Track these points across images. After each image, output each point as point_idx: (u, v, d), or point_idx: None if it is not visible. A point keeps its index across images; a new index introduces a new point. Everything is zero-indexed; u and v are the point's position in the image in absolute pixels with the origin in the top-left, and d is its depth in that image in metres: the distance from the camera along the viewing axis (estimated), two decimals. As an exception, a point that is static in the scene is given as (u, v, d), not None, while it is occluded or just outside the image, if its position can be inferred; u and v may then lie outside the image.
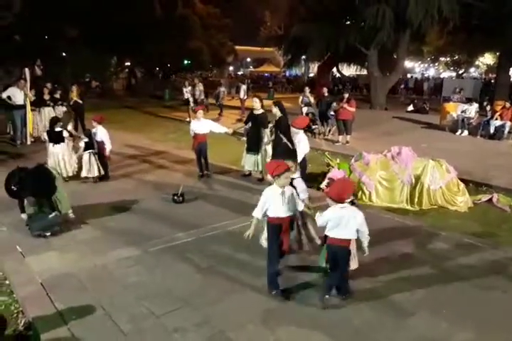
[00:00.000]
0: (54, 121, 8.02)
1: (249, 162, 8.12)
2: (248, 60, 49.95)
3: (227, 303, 4.09)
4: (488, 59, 33.69)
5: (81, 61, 23.38)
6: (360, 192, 7.57)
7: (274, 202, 4.14)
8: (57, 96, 12.58)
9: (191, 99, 16.04)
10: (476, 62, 36.72)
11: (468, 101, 14.24)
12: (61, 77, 21.31)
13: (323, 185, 8.02)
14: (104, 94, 28.68)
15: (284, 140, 6.15)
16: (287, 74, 42.57)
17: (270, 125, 7.93)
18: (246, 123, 8.24)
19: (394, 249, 5.36)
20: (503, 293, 4.38)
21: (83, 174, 7.96)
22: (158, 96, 27.89)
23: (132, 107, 22.97)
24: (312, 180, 8.22)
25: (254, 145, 7.93)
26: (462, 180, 7.86)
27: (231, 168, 9.23)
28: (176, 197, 6.83)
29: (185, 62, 29.23)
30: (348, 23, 21.24)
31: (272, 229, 4.25)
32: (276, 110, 7.18)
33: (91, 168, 7.91)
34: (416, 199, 7.39)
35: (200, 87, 16.66)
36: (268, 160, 7.73)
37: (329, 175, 8.04)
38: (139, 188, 7.87)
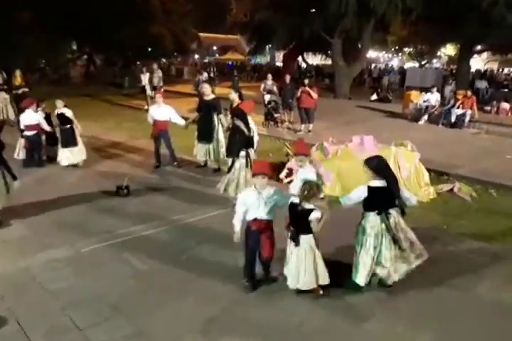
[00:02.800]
0: None
1: (200, 151, 7.62)
2: (214, 48, 48.91)
3: (165, 311, 3.64)
4: (449, 50, 34.13)
5: (34, 47, 22.16)
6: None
7: (249, 205, 3.83)
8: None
9: (148, 87, 15.25)
10: (438, 53, 37.21)
11: (429, 89, 14.08)
12: (12, 62, 20.06)
13: (282, 175, 7.67)
14: (60, 81, 27.39)
15: (242, 127, 5.68)
16: (253, 62, 41.96)
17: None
18: (198, 111, 7.71)
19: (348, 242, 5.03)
20: (462, 292, 4.11)
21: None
22: (117, 84, 26.78)
23: (89, 95, 21.86)
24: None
25: (205, 134, 7.42)
26: (425, 168, 7.65)
27: (184, 159, 8.68)
28: (120, 190, 6.28)
29: (149, 49, 28.11)
30: (313, 10, 20.79)
31: (247, 233, 3.91)
32: (234, 96, 6.71)
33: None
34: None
35: (158, 73, 15.87)
36: (222, 150, 7.28)
37: (288, 164, 7.69)
38: (83, 180, 7.26)
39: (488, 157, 9.33)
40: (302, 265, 3.75)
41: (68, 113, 7.94)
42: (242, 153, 5.69)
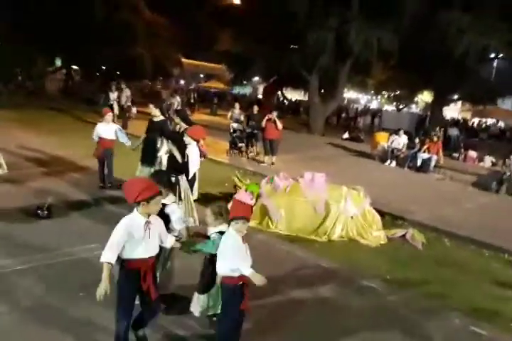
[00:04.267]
0: None
1: (142, 173, 7.11)
2: (201, 75, 49.25)
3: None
4: (426, 96, 35.00)
5: (10, 57, 21.74)
6: (266, 218, 6.78)
7: (133, 237, 3.04)
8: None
9: (116, 106, 14.79)
10: (416, 99, 38.11)
11: (396, 132, 14.03)
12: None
13: (229, 207, 7.20)
14: (33, 93, 26.77)
15: (173, 152, 5.23)
16: (235, 91, 42.23)
17: None
18: (147, 132, 7.27)
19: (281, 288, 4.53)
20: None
21: None
22: (93, 101, 26.32)
23: (59, 109, 21.26)
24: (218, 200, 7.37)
25: (148, 156, 6.94)
26: (379, 211, 7.31)
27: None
28: (39, 211, 5.65)
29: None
30: (292, 46, 21.05)
31: (126, 275, 3.14)
32: (178, 120, 6.30)
33: None
34: (326, 230, 6.67)
35: (127, 92, 15.50)
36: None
37: (235, 196, 7.23)
38: (7, 196, 6.61)
39: (448, 204, 9.08)
40: None
41: None
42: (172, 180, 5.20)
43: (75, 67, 31.34)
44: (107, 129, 7.54)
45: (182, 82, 46.06)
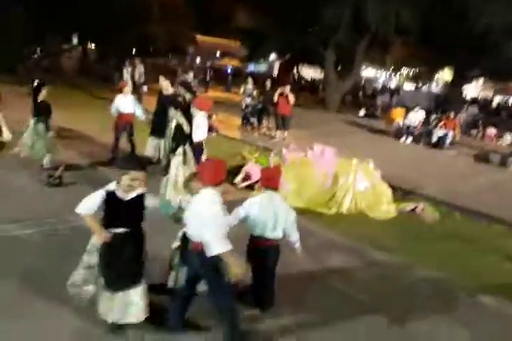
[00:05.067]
0: None
1: (150, 146, 7.12)
2: (218, 53, 48.73)
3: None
4: (446, 74, 34.08)
5: (25, 33, 21.81)
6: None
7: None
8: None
9: (129, 82, 14.71)
10: (436, 77, 37.17)
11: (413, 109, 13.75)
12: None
13: (237, 180, 7.22)
14: (50, 70, 26.92)
15: (180, 121, 5.20)
16: (252, 69, 41.75)
17: None
18: (157, 104, 7.25)
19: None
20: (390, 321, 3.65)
21: None
22: (109, 79, 26.38)
23: (75, 86, 21.40)
24: (228, 173, 7.38)
25: (158, 128, 6.93)
26: (391, 186, 7.23)
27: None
28: (51, 179, 5.74)
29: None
30: (308, 22, 20.57)
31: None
32: (183, 91, 6.22)
33: None
34: (336, 202, 6.64)
35: (140, 68, 15.40)
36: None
37: (245, 168, 7.25)
38: (20, 163, 6.72)
39: (460, 179, 8.95)
40: None
41: None
42: (180, 150, 5.21)
43: (91, 45, 31.38)
44: (126, 102, 7.38)
45: (198, 59, 45.70)
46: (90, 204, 3.01)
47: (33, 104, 6.62)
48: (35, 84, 6.70)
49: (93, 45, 31.56)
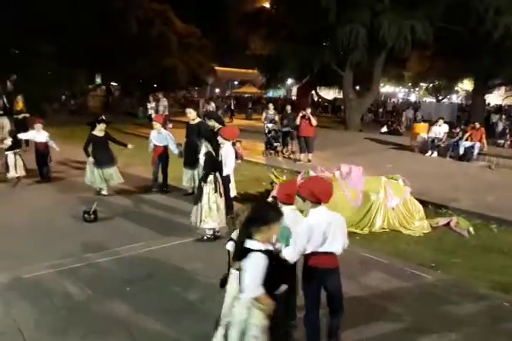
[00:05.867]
0: None
1: (185, 177, 7.34)
2: (236, 82, 49.82)
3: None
4: (466, 85, 33.78)
5: (52, 77, 22.94)
6: (303, 213, 6.78)
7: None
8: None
9: (154, 115, 15.26)
10: (456, 88, 36.86)
11: (436, 121, 13.62)
12: (32, 92, 20.65)
13: (267, 204, 7.27)
14: (77, 110, 28.03)
15: (209, 150, 5.37)
16: (270, 95, 42.42)
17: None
18: (186, 136, 7.50)
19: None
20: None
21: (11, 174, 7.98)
22: (133, 114, 27.26)
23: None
24: (256, 198, 7.49)
25: (190, 159, 7.15)
26: (421, 201, 7.15)
27: (174, 186, 8.37)
28: (86, 215, 5.96)
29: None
30: (324, 43, 20.94)
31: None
32: (212, 122, 6.44)
33: (17, 167, 7.99)
34: (367, 222, 6.60)
35: (164, 102, 15.97)
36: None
37: (273, 192, 7.30)
38: (53, 201, 7.02)
39: (493, 191, 8.71)
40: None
41: None
42: (210, 178, 5.34)
43: (113, 83, 32.63)
44: (158, 136, 7.86)
45: (217, 90, 46.82)
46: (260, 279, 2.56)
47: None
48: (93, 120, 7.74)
49: (114, 83, 32.77)
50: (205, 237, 5.57)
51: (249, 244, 2.58)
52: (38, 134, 8.50)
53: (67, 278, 4.32)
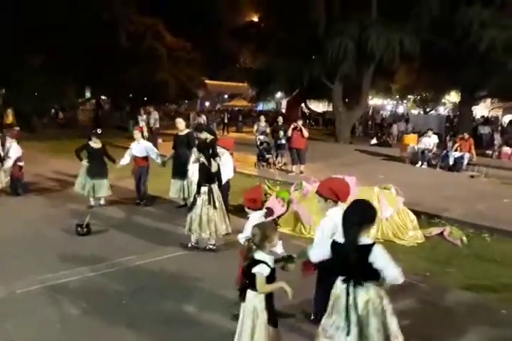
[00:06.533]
0: None
1: (174, 188, 7.31)
2: (226, 96, 50.03)
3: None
4: (453, 97, 34.34)
5: (42, 90, 22.84)
6: (299, 224, 6.80)
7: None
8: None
9: (145, 129, 15.25)
10: (443, 100, 37.44)
11: (426, 133, 13.82)
12: (21, 106, 20.52)
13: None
14: (67, 124, 27.91)
15: (203, 161, 5.37)
16: (260, 108, 42.69)
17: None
18: (174, 147, 7.50)
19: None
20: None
21: None
22: (124, 128, 27.18)
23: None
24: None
25: (179, 170, 7.15)
26: (414, 211, 7.19)
27: (160, 197, 8.35)
28: (79, 228, 5.89)
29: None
30: (313, 56, 21.23)
31: None
32: (204, 134, 6.44)
33: None
34: (360, 232, 6.61)
35: (155, 115, 15.97)
36: (194, 187, 6.93)
37: (267, 204, 7.30)
38: (45, 214, 6.94)
39: (484, 200, 8.83)
40: (243, 327, 2.94)
41: None
42: (204, 189, 5.33)
43: (103, 96, 32.61)
44: (137, 147, 7.84)
45: (207, 103, 46.97)
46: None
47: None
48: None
49: (104, 96, 32.72)
50: (207, 247, 5.56)
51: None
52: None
53: (61, 292, 4.25)
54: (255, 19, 29.72)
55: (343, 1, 19.55)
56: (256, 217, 3.90)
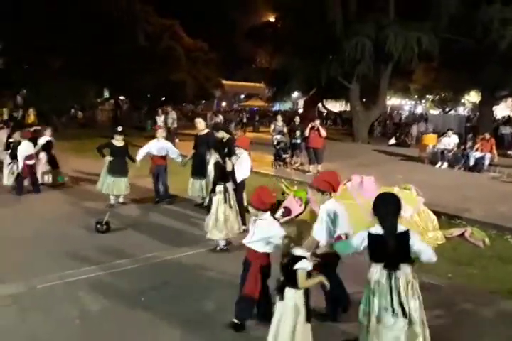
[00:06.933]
0: None
1: (194, 187, 7.33)
2: (242, 96, 50.11)
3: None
4: (473, 97, 33.75)
5: (62, 91, 23.20)
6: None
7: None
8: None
9: (163, 128, 15.33)
10: (462, 101, 36.81)
11: (446, 133, 13.60)
12: (42, 105, 20.88)
13: (278, 215, 7.22)
14: (86, 124, 28.31)
15: (218, 160, 5.38)
16: (277, 108, 42.62)
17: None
18: (195, 147, 7.51)
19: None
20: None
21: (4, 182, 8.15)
22: (142, 128, 27.46)
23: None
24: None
25: (198, 169, 7.17)
26: (434, 212, 7.04)
27: (178, 196, 8.37)
28: (99, 226, 5.95)
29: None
30: (330, 56, 21.10)
31: None
32: (221, 133, 6.43)
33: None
34: (380, 233, 6.53)
35: (172, 115, 16.06)
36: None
37: (284, 203, 7.27)
38: (65, 212, 7.02)
39: (506, 201, 8.62)
40: (282, 326, 2.98)
41: None
42: (220, 188, 5.32)
43: (121, 97, 32.98)
44: (157, 146, 7.82)
45: (223, 103, 47.12)
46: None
47: None
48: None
49: (122, 97, 33.08)
50: (218, 248, 5.53)
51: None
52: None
53: (81, 288, 4.29)
54: (272, 19, 29.68)
55: (359, 0, 19.44)
56: (267, 220, 3.79)
